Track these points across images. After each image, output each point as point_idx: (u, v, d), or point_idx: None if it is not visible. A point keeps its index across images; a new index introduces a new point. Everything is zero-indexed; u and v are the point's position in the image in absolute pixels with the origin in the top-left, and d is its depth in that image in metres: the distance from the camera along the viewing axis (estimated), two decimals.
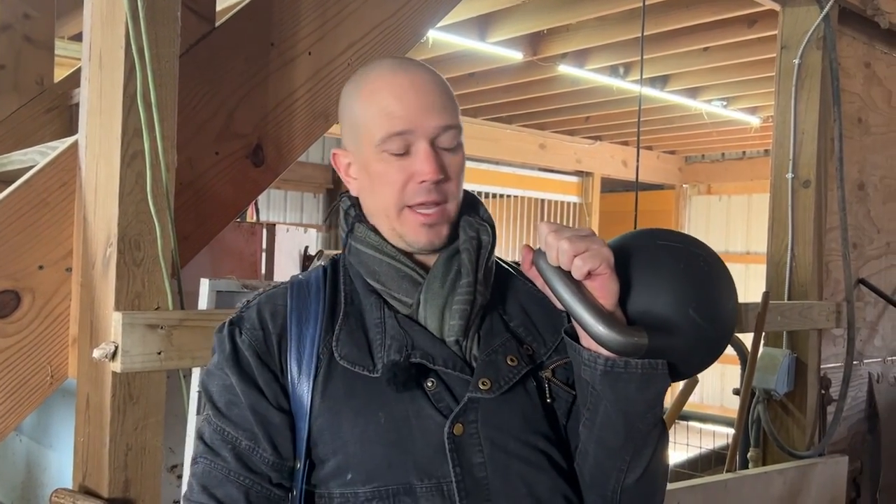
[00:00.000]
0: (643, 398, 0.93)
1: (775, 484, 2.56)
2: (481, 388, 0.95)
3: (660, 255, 0.99)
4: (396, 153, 0.97)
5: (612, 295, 0.92)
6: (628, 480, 0.97)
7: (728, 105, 5.98)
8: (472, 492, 0.93)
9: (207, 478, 0.95)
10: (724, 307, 0.99)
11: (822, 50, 2.79)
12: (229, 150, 1.62)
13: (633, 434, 0.95)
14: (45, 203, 1.44)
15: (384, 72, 1.01)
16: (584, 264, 0.90)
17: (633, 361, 0.91)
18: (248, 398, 0.96)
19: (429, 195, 0.97)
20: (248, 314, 1.01)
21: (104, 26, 1.40)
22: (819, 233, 2.82)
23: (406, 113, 0.96)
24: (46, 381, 1.44)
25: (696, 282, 0.97)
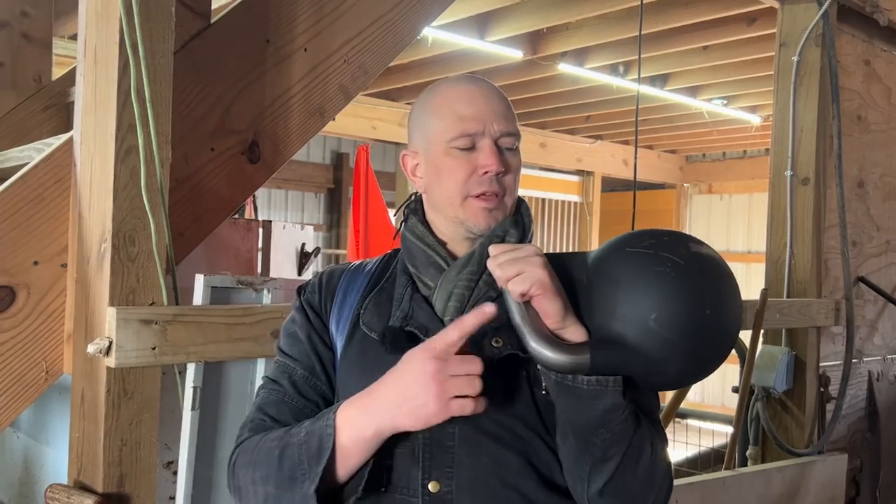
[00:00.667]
0: (593, 413, 0.94)
1: (774, 482, 2.55)
2: None
3: (624, 264, 0.96)
4: (463, 148, 1.07)
5: (554, 314, 0.95)
6: (592, 490, 0.99)
7: (728, 104, 5.97)
8: (437, 456, 1.01)
9: (265, 401, 1.10)
10: (695, 315, 0.93)
11: (821, 47, 2.78)
12: (225, 146, 1.62)
13: (589, 447, 0.96)
14: (40, 199, 1.45)
15: (458, 84, 1.13)
16: (515, 288, 0.95)
17: (580, 378, 0.93)
18: (306, 334, 1.13)
19: (490, 185, 1.06)
20: (313, 280, 1.19)
21: (99, 22, 1.40)
22: (818, 230, 2.81)
23: (477, 116, 1.08)
24: (41, 376, 1.45)
25: (659, 291, 0.93)
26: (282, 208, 7.67)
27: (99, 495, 1.33)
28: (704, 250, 0.98)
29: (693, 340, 0.93)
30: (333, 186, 7.90)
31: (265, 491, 1.01)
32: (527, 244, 1.02)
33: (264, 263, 2.50)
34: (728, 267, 1.00)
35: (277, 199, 7.63)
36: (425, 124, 1.13)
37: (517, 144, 1.12)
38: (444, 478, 1.00)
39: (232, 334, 1.44)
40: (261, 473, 1.02)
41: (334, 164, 7.92)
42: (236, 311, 1.45)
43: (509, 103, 1.13)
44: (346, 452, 0.97)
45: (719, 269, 0.98)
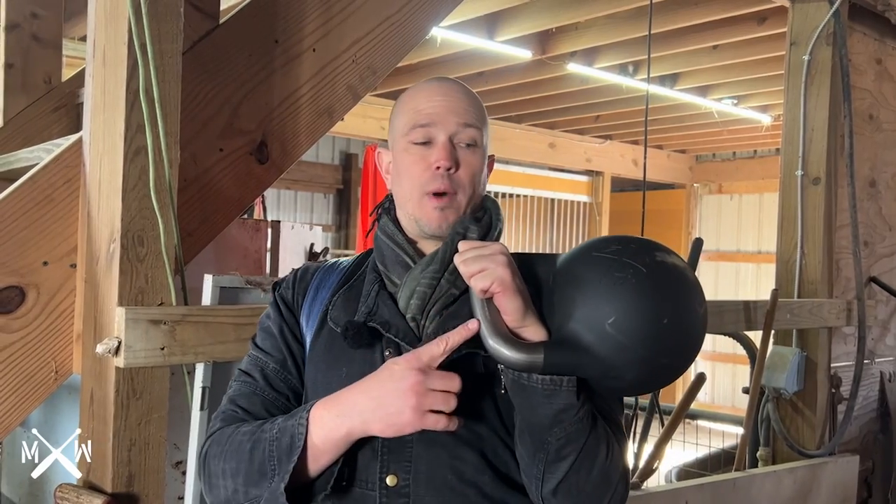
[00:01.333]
0: (546, 412, 0.95)
1: (785, 483, 2.54)
2: None
3: (588, 268, 0.97)
4: (419, 142, 1.10)
5: (512, 311, 0.96)
6: (545, 490, 0.99)
7: (738, 103, 5.94)
8: (395, 450, 1.02)
9: (237, 393, 1.12)
10: (652, 323, 0.93)
11: (832, 46, 2.77)
12: (233, 146, 1.62)
13: (543, 446, 0.97)
14: (49, 199, 1.45)
15: (423, 84, 1.16)
16: (476, 283, 0.96)
17: (535, 376, 0.94)
18: (278, 328, 1.15)
19: (442, 182, 1.08)
20: (288, 277, 1.21)
21: (108, 23, 1.40)
22: (829, 230, 2.80)
23: (432, 110, 1.10)
24: (51, 376, 1.45)
25: (617, 296, 0.93)
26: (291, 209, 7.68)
27: (108, 495, 1.33)
28: (669, 259, 0.98)
29: (649, 348, 0.93)
30: (342, 187, 7.90)
31: (234, 484, 1.02)
32: (493, 242, 1.02)
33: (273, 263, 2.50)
34: (695, 277, 1.00)
35: (287, 200, 7.64)
36: (393, 124, 1.16)
37: (479, 140, 1.11)
38: (402, 472, 1.02)
39: (241, 334, 1.44)
40: (230, 466, 1.03)
41: (343, 165, 7.92)
42: (245, 311, 1.45)
43: (474, 101, 1.14)
44: (316, 451, 0.98)
45: (683, 278, 0.97)
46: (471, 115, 1.11)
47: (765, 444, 2.79)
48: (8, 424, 1.41)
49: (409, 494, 1.02)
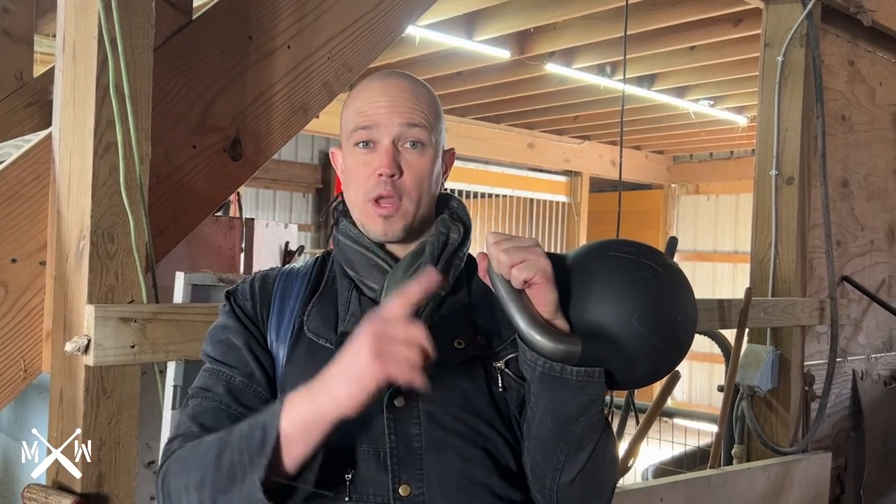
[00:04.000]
0: (576, 403, 0.96)
1: (758, 480, 2.56)
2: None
3: (608, 266, 1.01)
4: (362, 145, 1.07)
5: (549, 303, 0.96)
6: (563, 480, 1.00)
7: (715, 104, 5.99)
8: (405, 459, 1.00)
9: (198, 410, 1.02)
10: (670, 319, 1.00)
11: (806, 47, 2.79)
12: (206, 143, 1.61)
13: (567, 436, 0.98)
14: (18, 196, 1.43)
15: (368, 81, 1.12)
16: (519, 274, 0.95)
17: (569, 368, 0.95)
18: (243, 340, 1.07)
19: (384, 189, 1.05)
20: (242, 287, 1.14)
21: (77, 17, 1.38)
22: (802, 230, 2.82)
23: (374, 110, 1.06)
24: (20, 375, 1.43)
25: (642, 293, 0.98)
26: (270, 208, 7.63)
27: (77, 495, 1.32)
28: (673, 263, 1.06)
29: (665, 341, 0.99)
30: (322, 186, 7.86)
31: (199, 497, 0.94)
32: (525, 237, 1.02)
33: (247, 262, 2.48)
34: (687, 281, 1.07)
35: (265, 199, 7.60)
36: (341, 122, 1.13)
37: (427, 140, 1.08)
38: (414, 480, 0.99)
39: None
40: (194, 478, 0.95)
41: (322, 165, 7.89)
42: (216, 308, 1.43)
43: (422, 97, 1.09)
44: (288, 439, 0.90)
45: (685, 280, 1.05)
46: (417, 114, 1.07)
47: (739, 442, 2.81)
48: None
49: (423, 503, 0.99)
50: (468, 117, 6.57)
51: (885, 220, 3.46)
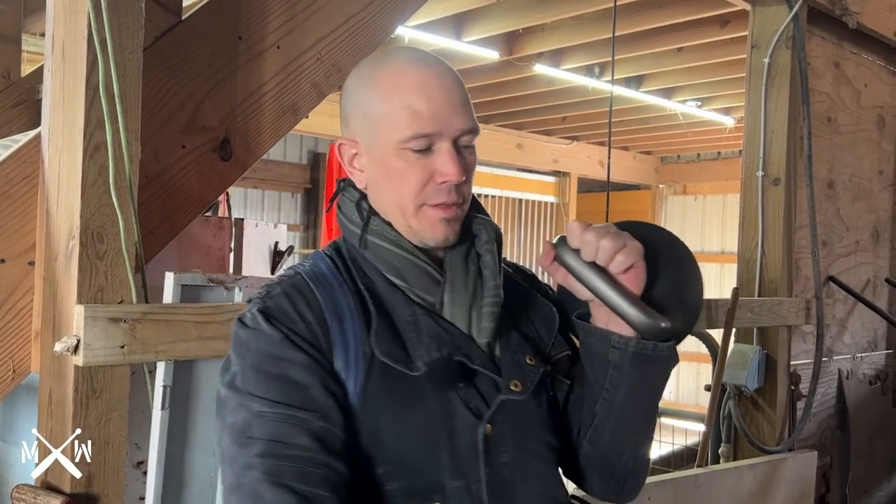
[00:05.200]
0: (663, 377, 1.01)
1: (745, 479, 2.58)
2: (513, 390, 0.98)
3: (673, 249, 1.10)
4: (419, 150, 0.96)
5: (642, 284, 0.97)
6: (641, 452, 1.05)
7: (703, 105, 6.03)
8: (497, 492, 0.95)
9: (280, 473, 0.84)
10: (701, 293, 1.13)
11: (792, 49, 2.82)
12: (196, 143, 1.61)
13: (652, 410, 1.04)
14: (7, 196, 1.43)
15: (407, 65, 0.97)
16: (625, 259, 0.94)
17: (660, 345, 0.97)
18: (313, 373, 0.90)
19: (449, 196, 0.97)
20: (278, 304, 0.94)
21: (67, 17, 1.38)
22: (789, 230, 2.85)
23: (434, 113, 0.95)
24: (9, 375, 1.43)
25: (691, 270, 1.11)
26: (258, 208, 7.62)
27: (66, 495, 1.31)
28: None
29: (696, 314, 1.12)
30: (311, 186, 7.85)
31: None
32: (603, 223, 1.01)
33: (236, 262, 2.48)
34: None
35: (254, 199, 7.58)
36: (369, 110, 0.99)
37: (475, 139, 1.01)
38: None
39: (202, 332, 1.43)
40: None
41: (311, 164, 7.88)
42: (206, 309, 1.44)
43: (463, 84, 1.00)
44: None
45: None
46: (470, 112, 0.98)
47: (726, 441, 2.83)
48: None
49: None
50: None
51: (870, 221, 3.50)
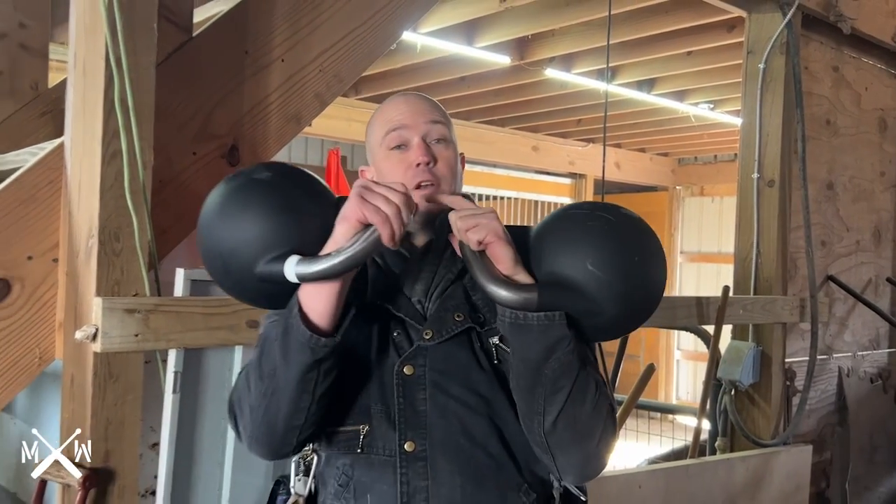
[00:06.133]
0: (542, 346, 1.07)
1: (738, 470, 2.67)
2: (424, 338, 1.17)
3: (565, 222, 1.13)
4: (395, 147, 1.22)
5: (506, 259, 1.08)
6: (546, 423, 1.10)
7: (715, 107, 6.08)
8: (411, 420, 1.14)
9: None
10: (627, 261, 1.09)
11: (786, 55, 2.91)
12: (206, 150, 1.74)
13: (541, 379, 1.08)
14: (33, 199, 1.57)
15: (388, 101, 1.30)
16: (474, 236, 1.08)
17: (531, 315, 1.06)
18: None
19: (424, 175, 1.20)
20: None
21: (87, 37, 1.52)
22: (783, 231, 2.93)
23: (400, 116, 1.24)
24: (35, 362, 1.57)
25: (595, 240, 1.09)
26: None
27: (86, 469, 1.45)
28: (633, 214, 1.15)
29: (625, 282, 1.09)
30: None
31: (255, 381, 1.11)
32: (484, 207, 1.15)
33: None
34: (652, 230, 1.16)
35: None
36: (369, 140, 1.29)
37: (448, 136, 1.24)
38: (419, 438, 1.13)
39: (210, 323, 1.56)
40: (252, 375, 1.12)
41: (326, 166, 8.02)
42: (213, 301, 1.57)
43: (436, 105, 1.28)
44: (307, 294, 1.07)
45: (644, 226, 1.15)
46: (437, 114, 1.25)
47: (722, 435, 2.92)
48: None
49: (426, 458, 1.13)
50: (473, 121, 6.69)
51: (872, 222, 3.56)
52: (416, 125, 1.23)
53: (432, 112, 1.25)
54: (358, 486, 1.15)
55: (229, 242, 1.08)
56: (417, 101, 1.27)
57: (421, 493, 1.12)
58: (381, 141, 1.24)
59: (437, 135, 1.24)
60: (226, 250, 1.09)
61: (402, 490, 1.13)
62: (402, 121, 1.23)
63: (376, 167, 1.27)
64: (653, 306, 1.14)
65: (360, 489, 1.15)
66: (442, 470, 1.13)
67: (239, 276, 1.10)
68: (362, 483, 1.15)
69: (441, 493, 1.12)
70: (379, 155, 1.25)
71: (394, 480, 1.13)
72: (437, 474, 1.13)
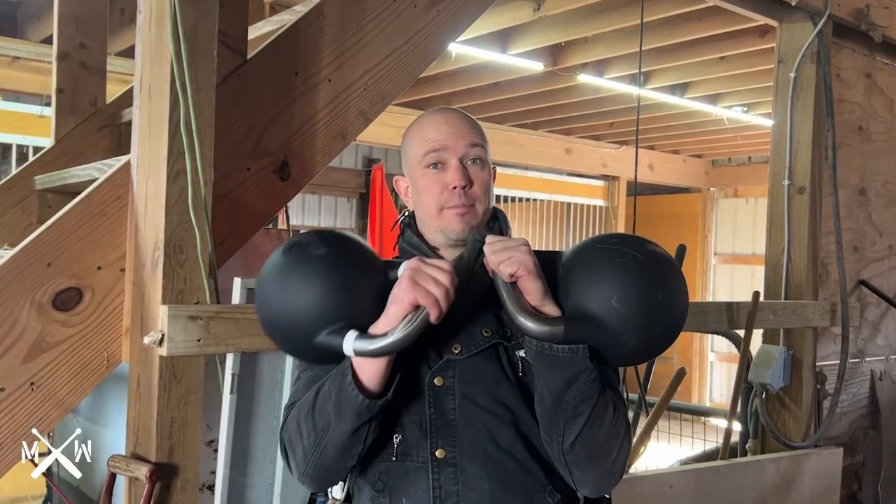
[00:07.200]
0: (565, 376, 1.13)
1: (768, 472, 2.72)
2: (453, 352, 1.24)
3: (592, 256, 1.18)
4: (433, 166, 1.27)
5: (535, 292, 1.14)
6: (565, 444, 1.18)
7: (749, 110, 6.10)
8: (442, 428, 1.21)
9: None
10: (650, 298, 1.13)
11: (817, 64, 2.95)
12: (259, 166, 1.85)
13: (562, 404, 1.15)
14: (102, 214, 1.69)
15: (427, 116, 1.34)
16: (505, 269, 1.14)
17: (557, 346, 1.13)
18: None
19: (459, 199, 1.26)
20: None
21: (152, 64, 1.64)
22: (814, 236, 2.98)
23: (440, 136, 1.28)
24: (103, 364, 1.69)
25: (620, 277, 1.13)
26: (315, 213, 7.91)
27: (153, 464, 1.57)
28: (658, 249, 1.20)
29: (647, 319, 1.14)
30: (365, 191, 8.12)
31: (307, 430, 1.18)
32: (517, 237, 1.22)
33: None
34: (676, 264, 1.22)
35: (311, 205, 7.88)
36: (407, 152, 1.34)
37: (485, 157, 1.29)
38: (449, 446, 1.21)
39: None
40: (304, 422, 1.19)
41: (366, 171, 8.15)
42: None
43: (474, 124, 1.32)
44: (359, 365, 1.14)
45: (670, 264, 1.19)
46: (475, 136, 1.29)
47: (754, 437, 2.97)
48: (69, 404, 1.66)
49: (455, 464, 1.20)
50: (506, 125, 6.77)
51: None
52: (455, 147, 1.27)
53: (471, 134, 1.29)
54: (393, 492, 1.22)
55: (290, 318, 1.16)
56: (457, 122, 1.30)
57: (452, 497, 1.20)
58: (419, 159, 1.28)
59: (475, 155, 1.28)
60: (287, 324, 1.17)
61: (435, 494, 1.20)
62: (442, 142, 1.27)
63: (413, 182, 1.32)
64: (671, 340, 1.19)
65: (395, 494, 1.22)
66: (471, 475, 1.20)
67: (298, 343, 1.19)
68: (397, 488, 1.22)
69: (471, 496, 1.19)
70: (417, 172, 1.30)
71: (427, 486, 1.20)
72: (467, 479, 1.20)
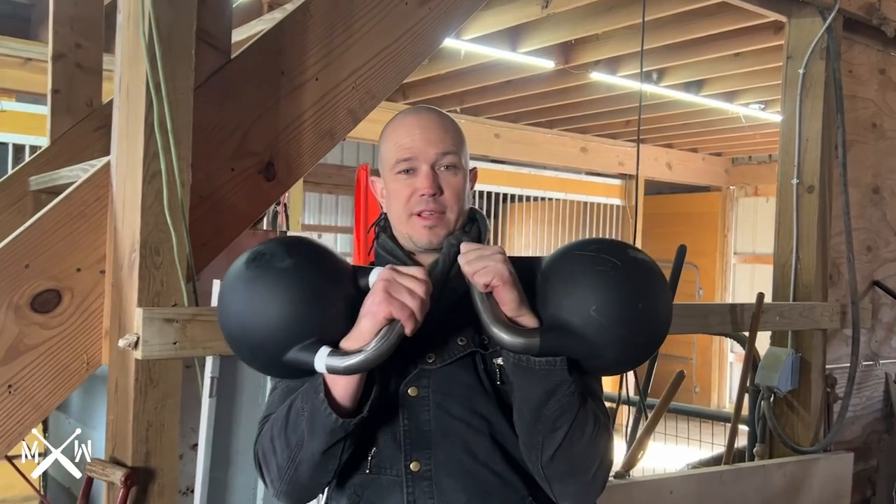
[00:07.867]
0: (542, 388, 1.10)
1: (774, 477, 2.66)
2: (427, 361, 1.20)
3: (570, 265, 1.13)
4: (405, 172, 1.25)
5: (510, 302, 1.10)
6: (544, 457, 1.14)
7: (766, 108, 6.00)
8: (416, 440, 1.18)
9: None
10: (631, 308, 1.08)
11: (826, 60, 2.88)
12: (244, 166, 1.83)
13: (541, 417, 1.11)
14: (82, 215, 1.68)
15: (402, 117, 1.30)
16: (480, 279, 1.11)
17: (533, 358, 1.09)
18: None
19: (427, 205, 1.23)
20: None
21: (130, 64, 1.63)
22: (823, 236, 2.90)
23: (412, 143, 1.25)
24: (83, 367, 1.68)
25: (599, 286, 1.08)
26: (316, 210, 7.90)
27: (128, 468, 1.56)
28: (640, 256, 1.15)
29: (628, 329, 1.09)
30: None
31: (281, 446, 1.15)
32: (493, 245, 1.18)
33: None
34: (660, 270, 1.16)
35: (312, 202, 7.87)
36: (381, 154, 1.32)
37: (458, 163, 1.25)
38: (423, 458, 1.17)
39: None
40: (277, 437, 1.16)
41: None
42: None
43: (449, 128, 1.27)
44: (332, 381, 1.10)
45: (652, 271, 1.14)
46: (447, 143, 1.25)
47: (761, 441, 2.91)
48: (47, 407, 1.65)
49: (430, 477, 1.16)
50: (521, 123, 6.72)
51: None
52: (426, 154, 1.24)
53: (443, 140, 1.25)
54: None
55: (257, 336, 1.10)
56: (431, 126, 1.26)
57: None
58: (391, 165, 1.26)
59: (447, 162, 1.25)
60: (252, 341, 1.11)
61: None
62: (414, 150, 1.24)
63: (385, 184, 1.30)
64: (654, 349, 1.16)
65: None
66: (447, 488, 1.16)
67: (265, 361, 1.13)
68: (372, 503, 1.19)
69: None
70: (388, 176, 1.28)
71: (402, 500, 1.17)
72: (443, 493, 1.16)
